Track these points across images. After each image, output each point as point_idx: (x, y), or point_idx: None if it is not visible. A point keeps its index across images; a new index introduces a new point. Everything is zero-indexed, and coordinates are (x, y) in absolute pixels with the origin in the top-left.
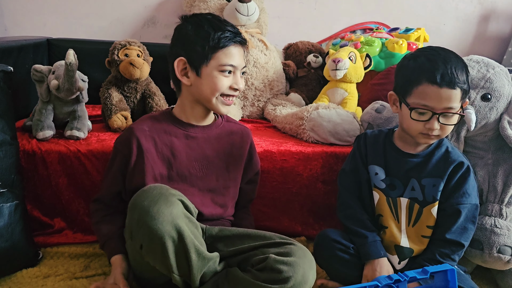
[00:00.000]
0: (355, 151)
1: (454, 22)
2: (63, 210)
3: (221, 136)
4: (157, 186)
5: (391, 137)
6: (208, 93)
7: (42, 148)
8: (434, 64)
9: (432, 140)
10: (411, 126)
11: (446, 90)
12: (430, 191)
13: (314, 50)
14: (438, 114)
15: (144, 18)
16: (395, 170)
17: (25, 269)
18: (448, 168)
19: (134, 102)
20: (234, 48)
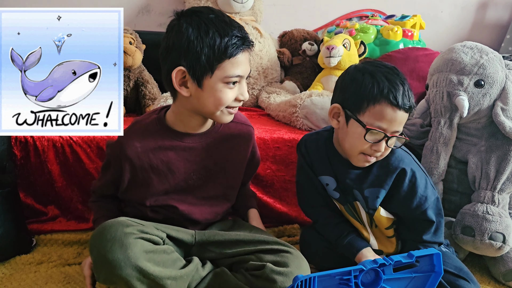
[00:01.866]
0: (302, 163)
1: (452, 9)
2: (57, 197)
3: (220, 142)
4: (112, 226)
5: (331, 143)
6: (211, 107)
7: (34, 136)
8: (394, 84)
9: (370, 163)
10: (356, 145)
11: (402, 113)
12: (373, 202)
13: (309, 38)
14: (389, 137)
15: (139, 6)
16: (342, 178)
17: (19, 255)
18: (390, 177)
19: (127, 90)
20: (242, 55)
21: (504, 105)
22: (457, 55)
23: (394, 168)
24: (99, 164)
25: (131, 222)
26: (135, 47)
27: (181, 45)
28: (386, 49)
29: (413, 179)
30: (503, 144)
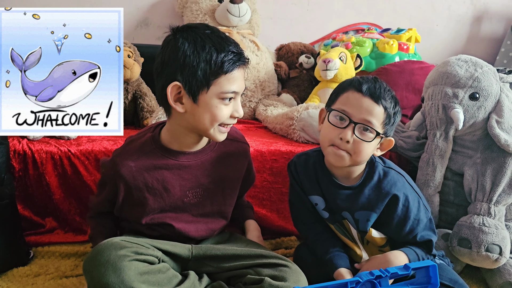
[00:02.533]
0: (292, 182)
1: (447, 23)
2: (55, 209)
3: (216, 160)
4: (105, 250)
5: (322, 162)
6: (206, 124)
7: (33, 148)
8: (364, 78)
9: (341, 158)
10: (324, 135)
11: (368, 101)
12: (363, 224)
13: (306, 51)
14: (355, 123)
15: (137, 19)
16: (331, 198)
17: (16, 268)
18: (382, 202)
19: (125, 103)
20: (237, 72)
21: (499, 117)
22: (452, 68)
23: (386, 193)
24: (97, 176)
25: (125, 243)
26: (133, 60)
27: (177, 60)
28: (382, 62)
29: (406, 203)
30: (498, 156)
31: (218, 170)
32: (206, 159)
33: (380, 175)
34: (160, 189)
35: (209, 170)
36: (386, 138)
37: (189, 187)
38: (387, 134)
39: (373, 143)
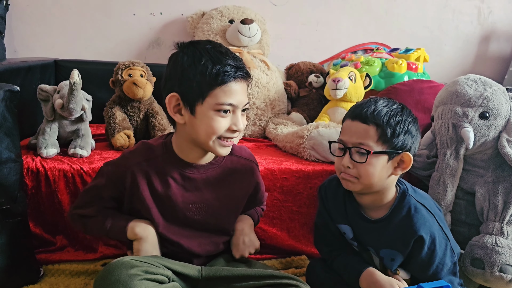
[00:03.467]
0: (321, 206)
1: (455, 43)
2: (65, 227)
3: (222, 177)
4: (116, 269)
5: (350, 192)
6: (203, 136)
7: (46, 166)
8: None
9: (351, 184)
10: (335, 165)
11: (356, 124)
12: (388, 263)
13: (315, 70)
14: (349, 148)
15: (149, 39)
16: (357, 229)
17: (26, 286)
18: (408, 242)
19: (137, 121)
20: (235, 84)
21: (510, 136)
22: (462, 88)
23: (413, 232)
24: None
25: (135, 262)
26: (146, 80)
27: (176, 72)
28: (391, 82)
29: (432, 246)
30: (509, 175)
31: (223, 188)
32: (211, 174)
33: (411, 210)
34: (163, 196)
35: (214, 186)
36: (401, 154)
37: (192, 200)
38: (397, 149)
39: (375, 163)
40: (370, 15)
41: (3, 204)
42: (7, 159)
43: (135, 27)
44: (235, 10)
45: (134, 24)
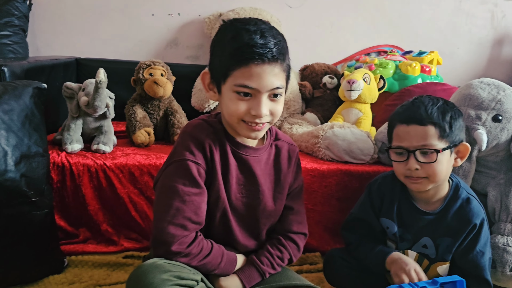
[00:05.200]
0: (366, 201)
1: (468, 46)
2: (89, 220)
3: (270, 161)
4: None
5: (405, 188)
6: (227, 117)
7: (71, 161)
8: (403, 107)
9: (421, 185)
10: (396, 171)
11: (414, 128)
12: (443, 251)
13: (329, 72)
14: (413, 151)
15: (167, 39)
16: (408, 224)
17: (52, 275)
18: (464, 230)
19: (157, 119)
20: (257, 67)
21: None
22: (475, 91)
23: (467, 221)
24: (130, 189)
25: (169, 266)
26: (166, 79)
27: (211, 47)
28: (404, 84)
29: (478, 232)
30: None
31: (271, 173)
32: (262, 159)
33: (463, 201)
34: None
35: (264, 171)
36: (459, 145)
37: (243, 182)
38: (455, 142)
39: (442, 159)
40: (384, 18)
41: (31, 196)
42: (36, 153)
43: (154, 27)
44: (251, 12)
45: (153, 25)
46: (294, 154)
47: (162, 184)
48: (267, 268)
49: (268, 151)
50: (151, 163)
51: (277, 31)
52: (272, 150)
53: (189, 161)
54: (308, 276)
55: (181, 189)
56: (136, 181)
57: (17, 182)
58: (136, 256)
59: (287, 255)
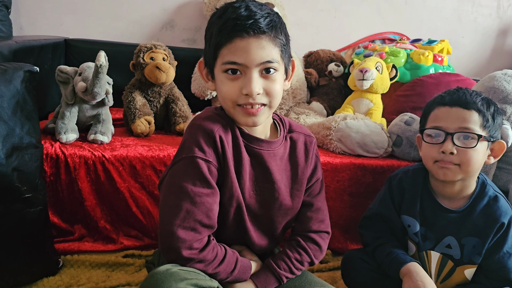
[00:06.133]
0: (386, 196)
1: (472, 35)
2: (85, 216)
3: (285, 156)
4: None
5: (429, 183)
6: (222, 103)
7: (66, 152)
8: (446, 92)
9: (450, 172)
10: (426, 155)
11: (457, 110)
12: (469, 252)
13: (335, 59)
14: (452, 134)
15: (162, 21)
16: (431, 222)
17: (46, 277)
18: (491, 229)
19: (157, 107)
20: (242, 41)
21: None
22: (499, 84)
23: (495, 219)
24: (131, 183)
25: (185, 273)
26: (168, 64)
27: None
28: (417, 74)
29: (505, 232)
30: None
31: (287, 168)
32: (277, 153)
33: (491, 199)
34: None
35: (279, 166)
36: (495, 142)
37: (257, 178)
38: (493, 137)
39: (480, 149)
40: (389, 4)
41: (24, 192)
42: (28, 145)
43: (148, 8)
44: None
45: (147, 4)
46: (312, 145)
47: (170, 183)
48: (284, 273)
49: (283, 145)
50: (153, 155)
51: (267, 7)
52: (287, 143)
53: (199, 159)
54: (320, 276)
55: (191, 189)
56: (137, 174)
57: (8, 177)
58: (137, 255)
59: (307, 258)
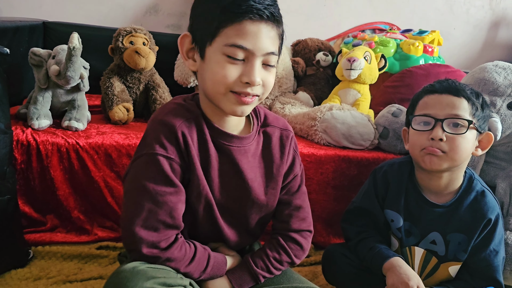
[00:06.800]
0: (370, 189)
1: (464, 27)
2: (57, 206)
3: (258, 152)
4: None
5: (414, 177)
6: (211, 86)
7: (38, 139)
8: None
9: (437, 159)
10: (413, 143)
11: (447, 97)
12: (454, 248)
13: (323, 48)
14: (442, 120)
15: (147, 5)
16: (416, 217)
17: (14, 269)
18: (477, 226)
19: (137, 94)
20: (253, 25)
21: None
22: (490, 75)
23: (482, 215)
24: (107, 172)
25: (152, 272)
26: (149, 49)
27: (193, 8)
28: (406, 64)
29: (492, 229)
30: None
31: (260, 162)
32: (248, 150)
33: (478, 194)
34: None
35: (251, 163)
36: (483, 134)
37: (227, 178)
38: (481, 127)
39: (468, 137)
40: None
41: None
42: None
43: None
44: None
45: None
46: (288, 140)
47: (132, 180)
48: (262, 272)
49: (255, 140)
50: (130, 144)
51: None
52: (260, 138)
53: (160, 156)
54: (301, 270)
55: (153, 188)
56: (113, 163)
57: None
58: (112, 247)
59: (286, 258)
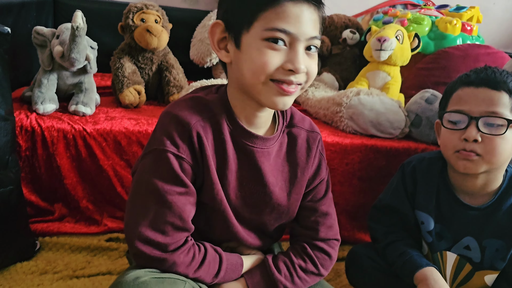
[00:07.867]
0: (399, 186)
1: (506, 1)
2: (65, 195)
3: (282, 154)
4: None
5: (447, 176)
6: (249, 76)
7: (43, 125)
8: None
9: (472, 164)
10: (445, 143)
11: (484, 90)
12: (491, 255)
13: (351, 26)
14: (477, 118)
15: None
16: (448, 219)
17: (20, 262)
18: None
19: (149, 75)
20: (295, 7)
21: None
22: None
23: None
24: (116, 160)
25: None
26: (161, 26)
27: None
28: (441, 44)
29: None
30: None
31: (283, 167)
32: (271, 151)
33: None
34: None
35: (272, 166)
36: None
37: (246, 180)
38: None
39: (508, 137)
40: None
41: None
42: None
43: None
44: None
45: None
46: (315, 142)
47: (140, 177)
48: (283, 279)
49: (279, 141)
50: (141, 130)
51: None
52: (284, 139)
53: (170, 153)
54: None
55: (161, 186)
56: (122, 151)
57: None
58: (122, 239)
59: (312, 268)
